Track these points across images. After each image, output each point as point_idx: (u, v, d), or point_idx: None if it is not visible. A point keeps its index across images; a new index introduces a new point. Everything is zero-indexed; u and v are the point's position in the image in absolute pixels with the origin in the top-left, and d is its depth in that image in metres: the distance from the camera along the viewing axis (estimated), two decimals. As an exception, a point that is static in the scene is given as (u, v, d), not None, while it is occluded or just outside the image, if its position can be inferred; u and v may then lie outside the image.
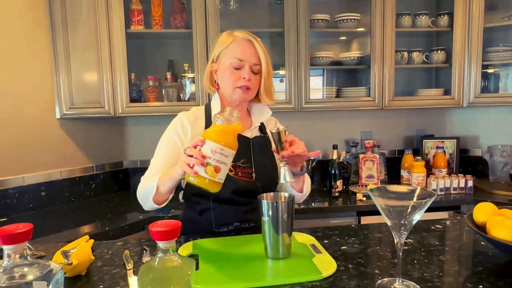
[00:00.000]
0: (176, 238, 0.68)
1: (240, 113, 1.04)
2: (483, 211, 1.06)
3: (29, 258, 0.65)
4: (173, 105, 2.26)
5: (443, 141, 2.60)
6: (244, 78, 1.24)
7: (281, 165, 1.17)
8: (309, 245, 1.13)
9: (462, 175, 2.30)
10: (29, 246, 1.12)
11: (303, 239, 1.18)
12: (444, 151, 2.53)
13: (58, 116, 2.17)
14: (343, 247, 1.13)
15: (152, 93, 2.31)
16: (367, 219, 2.07)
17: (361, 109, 2.47)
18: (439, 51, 2.47)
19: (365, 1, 2.37)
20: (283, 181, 1.16)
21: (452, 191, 2.27)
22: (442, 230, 1.27)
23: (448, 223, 1.35)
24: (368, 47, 2.39)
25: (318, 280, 0.91)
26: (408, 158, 2.46)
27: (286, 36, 2.26)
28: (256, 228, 1.30)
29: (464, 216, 1.09)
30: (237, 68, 1.25)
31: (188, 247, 1.13)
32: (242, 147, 1.29)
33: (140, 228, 1.91)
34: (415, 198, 0.86)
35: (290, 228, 1.04)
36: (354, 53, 2.45)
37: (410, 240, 1.17)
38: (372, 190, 0.87)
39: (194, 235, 1.26)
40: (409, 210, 0.80)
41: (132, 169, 2.56)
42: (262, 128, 1.39)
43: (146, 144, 2.54)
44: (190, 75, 2.34)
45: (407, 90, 2.63)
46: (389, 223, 0.85)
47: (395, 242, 0.87)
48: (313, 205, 2.11)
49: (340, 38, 2.64)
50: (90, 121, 2.35)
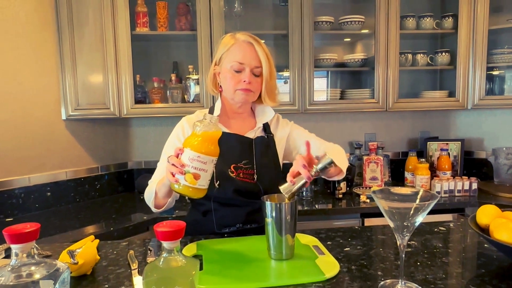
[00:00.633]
0: (180, 239, 0.69)
1: (218, 118, 1.01)
2: (486, 214, 1.06)
3: (36, 257, 0.66)
4: (177, 107, 2.27)
5: (447, 143, 2.59)
6: (244, 81, 1.24)
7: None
8: (312, 246, 1.13)
9: (467, 177, 2.29)
10: (36, 245, 1.13)
11: (306, 240, 1.18)
12: (449, 153, 2.52)
13: (63, 117, 2.19)
14: (346, 249, 1.13)
15: (156, 95, 2.32)
16: (371, 221, 2.06)
17: (365, 111, 2.47)
18: (444, 53, 2.46)
19: (369, 3, 2.37)
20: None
21: (457, 194, 2.26)
22: (446, 232, 1.27)
23: (451, 225, 1.35)
24: (372, 49, 2.39)
25: (321, 282, 0.92)
26: (412, 160, 2.45)
27: (290, 38, 2.27)
28: (259, 230, 1.30)
29: (468, 218, 1.09)
30: (238, 71, 1.25)
31: (192, 247, 1.14)
32: (244, 148, 1.30)
33: (145, 229, 1.92)
34: (418, 200, 0.86)
35: (294, 230, 1.04)
36: (358, 55, 2.45)
37: (413, 242, 1.17)
38: (374, 192, 0.87)
39: (198, 235, 1.26)
40: (412, 212, 0.80)
41: (137, 170, 2.57)
42: (266, 128, 1.40)
43: (151, 145, 2.56)
44: (195, 77, 2.35)
45: (411, 92, 2.63)
46: (392, 225, 0.85)
47: (398, 244, 0.87)
48: (317, 206, 2.11)
49: (344, 40, 2.64)
50: (95, 122, 2.37)
